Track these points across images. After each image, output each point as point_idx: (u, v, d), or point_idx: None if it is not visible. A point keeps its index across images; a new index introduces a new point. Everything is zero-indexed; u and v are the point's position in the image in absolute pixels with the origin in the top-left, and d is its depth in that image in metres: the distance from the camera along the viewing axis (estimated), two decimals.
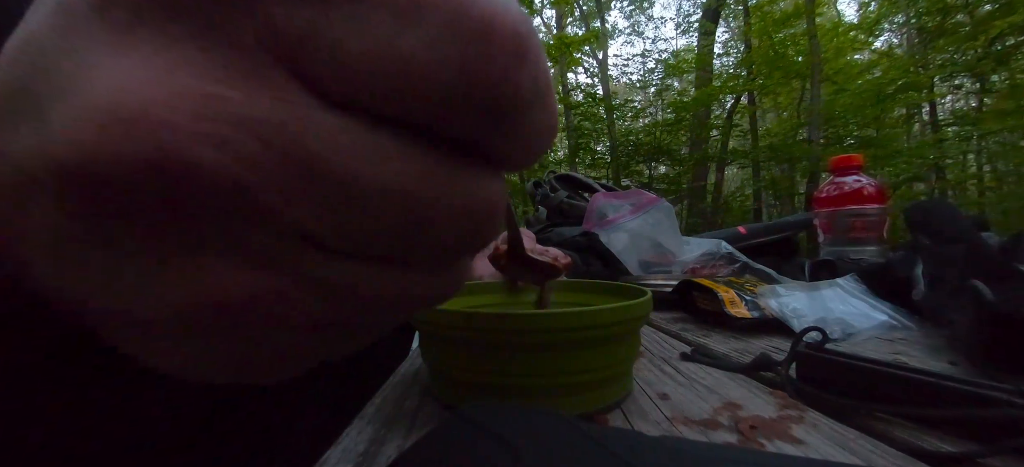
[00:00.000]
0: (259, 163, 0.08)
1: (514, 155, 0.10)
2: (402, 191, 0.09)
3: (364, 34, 0.08)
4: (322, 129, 0.08)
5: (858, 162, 0.87)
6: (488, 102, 0.08)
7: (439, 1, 0.08)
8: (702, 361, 0.39)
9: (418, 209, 0.09)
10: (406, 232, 0.09)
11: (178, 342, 0.09)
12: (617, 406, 0.29)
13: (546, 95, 0.09)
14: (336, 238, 0.09)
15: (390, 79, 0.08)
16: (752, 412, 0.28)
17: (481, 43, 0.08)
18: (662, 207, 0.85)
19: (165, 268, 0.08)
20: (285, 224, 0.08)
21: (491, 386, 0.28)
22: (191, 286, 0.09)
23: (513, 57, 0.08)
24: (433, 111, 0.08)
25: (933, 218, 0.52)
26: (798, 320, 0.47)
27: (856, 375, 0.29)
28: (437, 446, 0.17)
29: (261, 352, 0.10)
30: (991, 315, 0.34)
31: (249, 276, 0.09)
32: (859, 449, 0.23)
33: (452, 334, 0.27)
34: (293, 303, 0.09)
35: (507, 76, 0.08)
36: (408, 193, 0.09)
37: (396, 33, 0.08)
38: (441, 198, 0.09)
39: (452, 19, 0.08)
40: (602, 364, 0.28)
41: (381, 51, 0.08)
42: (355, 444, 0.25)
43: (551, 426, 0.17)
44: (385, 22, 0.08)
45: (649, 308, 0.30)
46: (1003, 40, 4.31)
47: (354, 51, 0.08)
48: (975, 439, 0.24)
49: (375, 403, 0.31)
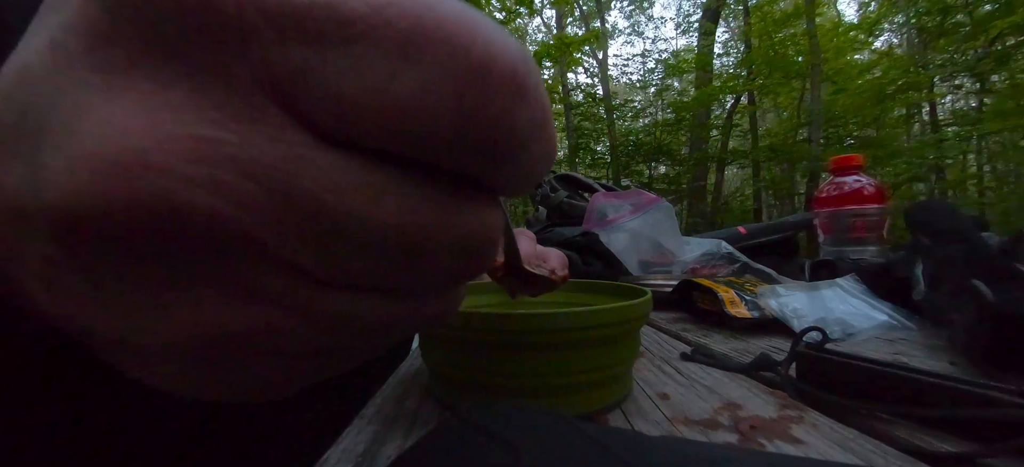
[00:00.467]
0: (254, 204, 0.08)
1: (511, 184, 0.10)
2: (398, 227, 0.08)
3: (360, 75, 0.07)
4: (317, 168, 0.08)
5: (858, 162, 0.87)
6: (486, 142, 0.08)
7: (436, 42, 0.08)
8: (702, 361, 0.39)
9: (414, 244, 0.09)
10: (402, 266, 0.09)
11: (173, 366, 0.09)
12: (617, 406, 0.29)
13: (545, 127, 0.09)
14: (331, 272, 0.09)
15: (386, 119, 0.08)
16: (752, 412, 0.28)
17: (479, 85, 0.08)
18: (662, 207, 0.85)
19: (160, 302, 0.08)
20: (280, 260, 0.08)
21: (491, 386, 0.28)
22: (187, 319, 0.09)
23: (511, 98, 0.08)
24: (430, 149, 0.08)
25: (933, 218, 0.52)
26: (798, 320, 0.47)
27: (856, 375, 0.29)
28: (437, 446, 0.17)
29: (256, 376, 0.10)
30: (991, 315, 0.34)
31: (244, 309, 0.09)
32: (859, 449, 0.23)
33: (452, 334, 0.27)
34: (287, 334, 0.09)
35: (505, 117, 0.08)
36: (404, 228, 0.09)
37: (392, 74, 0.08)
38: (438, 232, 0.09)
39: (449, 60, 0.08)
40: (602, 364, 0.28)
41: (377, 92, 0.08)
42: (355, 444, 0.25)
43: (551, 426, 0.17)
44: (381, 63, 0.07)
45: (649, 308, 0.30)
46: (1003, 40, 4.31)
47: (350, 92, 0.08)
48: (975, 439, 0.24)
49: (375, 403, 0.31)
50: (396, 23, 0.07)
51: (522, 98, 0.08)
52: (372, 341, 0.11)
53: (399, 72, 0.08)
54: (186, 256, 0.08)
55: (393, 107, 0.08)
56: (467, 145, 0.08)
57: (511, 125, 0.08)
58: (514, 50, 0.08)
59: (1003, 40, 4.30)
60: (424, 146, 0.08)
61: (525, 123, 0.08)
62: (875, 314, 0.49)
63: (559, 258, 0.36)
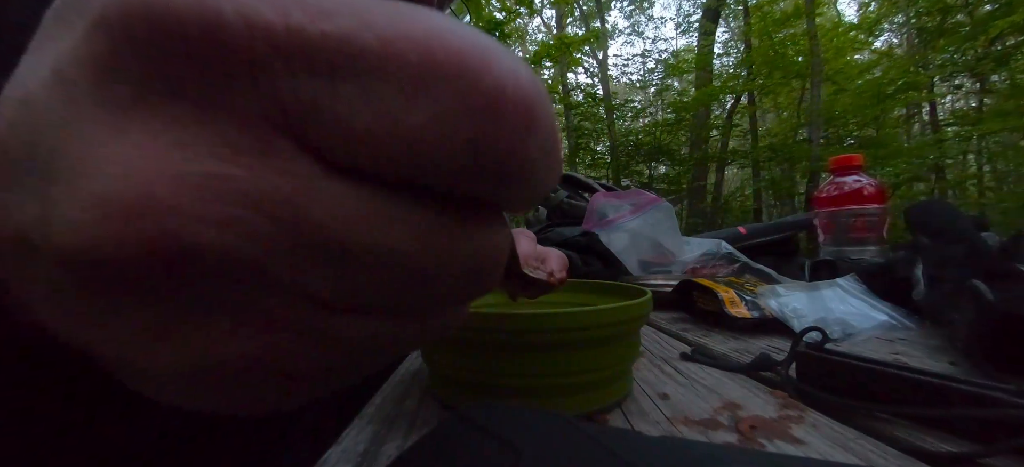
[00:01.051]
0: (266, 237, 0.08)
1: (518, 204, 0.10)
2: (408, 253, 0.08)
3: (371, 108, 0.07)
4: (328, 198, 0.08)
5: (858, 162, 0.87)
6: (497, 170, 0.08)
7: (447, 73, 0.07)
8: (702, 361, 0.39)
9: (424, 268, 0.09)
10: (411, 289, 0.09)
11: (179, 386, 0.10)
12: (617, 406, 0.29)
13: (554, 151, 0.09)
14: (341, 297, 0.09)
15: (397, 150, 0.08)
16: (752, 412, 0.28)
17: (490, 116, 0.08)
18: (662, 207, 0.85)
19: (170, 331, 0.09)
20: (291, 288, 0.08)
21: (491, 386, 0.28)
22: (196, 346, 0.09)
23: (523, 128, 0.08)
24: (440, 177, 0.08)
25: (933, 218, 0.52)
26: (798, 320, 0.47)
27: (856, 375, 0.29)
28: (437, 446, 0.17)
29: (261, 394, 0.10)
30: (991, 315, 0.34)
31: (255, 336, 0.09)
32: (859, 449, 0.23)
33: (452, 334, 0.27)
34: (295, 357, 0.09)
35: (517, 146, 0.08)
36: (414, 254, 0.09)
37: (404, 108, 0.07)
38: (447, 256, 0.09)
39: (461, 93, 0.08)
40: (602, 364, 0.28)
41: (388, 124, 0.08)
42: (355, 444, 0.25)
43: (551, 426, 0.17)
44: (393, 96, 0.07)
45: (649, 308, 0.30)
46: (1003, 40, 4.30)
47: (361, 124, 0.07)
48: (975, 439, 0.24)
49: (375, 403, 0.31)
50: (407, 55, 0.07)
51: (533, 127, 0.08)
52: (376, 358, 0.11)
53: (411, 104, 0.07)
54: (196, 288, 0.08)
55: (405, 139, 0.08)
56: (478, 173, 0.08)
57: (523, 153, 0.08)
58: (525, 78, 0.08)
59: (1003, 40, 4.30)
60: (435, 174, 0.08)
61: (536, 152, 0.08)
62: (875, 314, 0.49)
63: (558, 259, 0.36)
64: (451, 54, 0.08)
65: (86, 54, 0.08)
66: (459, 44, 0.08)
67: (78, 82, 0.08)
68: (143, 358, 0.09)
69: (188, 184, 0.07)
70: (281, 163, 0.08)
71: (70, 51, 0.08)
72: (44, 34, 0.09)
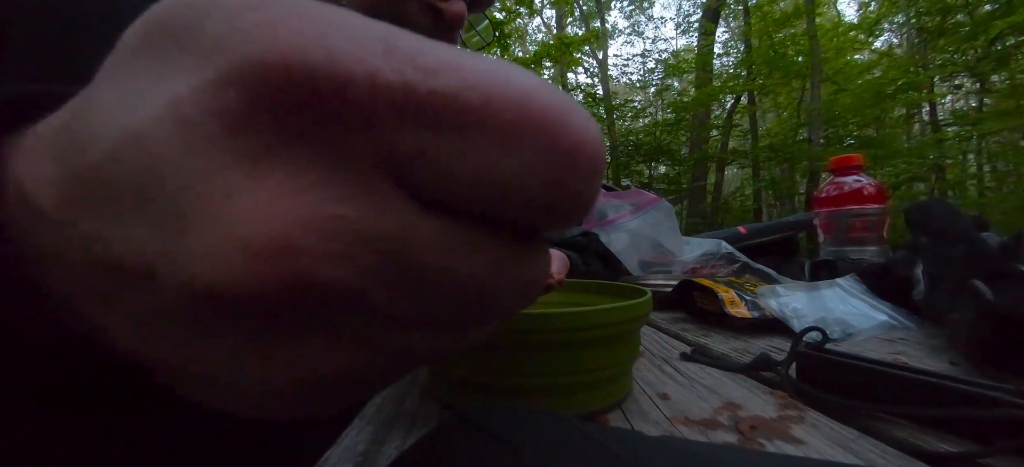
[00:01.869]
0: (376, 270, 0.09)
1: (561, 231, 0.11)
2: (483, 278, 0.10)
3: (468, 157, 0.09)
4: (424, 233, 0.09)
5: (858, 162, 0.87)
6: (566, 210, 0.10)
7: (536, 129, 0.09)
8: (702, 361, 0.39)
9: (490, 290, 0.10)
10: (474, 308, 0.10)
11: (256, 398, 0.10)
12: (617, 406, 0.29)
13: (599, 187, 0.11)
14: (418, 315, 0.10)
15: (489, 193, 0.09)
16: (752, 412, 0.28)
17: (569, 167, 0.09)
18: (662, 207, 0.85)
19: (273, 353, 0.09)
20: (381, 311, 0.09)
21: (491, 386, 0.28)
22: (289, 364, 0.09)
23: (591, 175, 0.09)
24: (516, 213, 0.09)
25: (933, 218, 0.52)
26: (798, 320, 0.47)
27: (856, 375, 0.29)
28: (437, 446, 0.17)
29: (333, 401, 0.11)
30: (991, 315, 0.34)
31: (342, 353, 0.10)
32: (859, 449, 0.23)
33: None
34: (373, 369, 0.10)
35: (586, 191, 0.10)
36: (487, 279, 0.10)
37: (497, 158, 0.09)
38: (511, 279, 0.10)
39: (548, 147, 0.09)
40: (602, 364, 0.28)
41: (484, 171, 0.09)
42: (355, 444, 0.25)
43: (551, 426, 0.17)
44: (488, 148, 0.09)
45: (649, 308, 0.30)
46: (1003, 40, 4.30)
47: (459, 171, 0.09)
48: (975, 439, 0.24)
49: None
50: (504, 114, 0.08)
51: (598, 175, 0.10)
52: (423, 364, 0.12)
53: (505, 153, 0.09)
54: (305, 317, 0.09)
55: (497, 183, 0.09)
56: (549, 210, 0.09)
57: (589, 196, 0.10)
58: (594, 134, 0.09)
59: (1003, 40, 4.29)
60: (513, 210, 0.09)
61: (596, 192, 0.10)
62: (875, 314, 0.50)
63: (558, 259, 0.36)
64: (539, 112, 0.09)
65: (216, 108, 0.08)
66: (546, 102, 0.09)
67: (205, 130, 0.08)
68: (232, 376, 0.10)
69: (317, 226, 0.08)
70: (386, 204, 0.09)
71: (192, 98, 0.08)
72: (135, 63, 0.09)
